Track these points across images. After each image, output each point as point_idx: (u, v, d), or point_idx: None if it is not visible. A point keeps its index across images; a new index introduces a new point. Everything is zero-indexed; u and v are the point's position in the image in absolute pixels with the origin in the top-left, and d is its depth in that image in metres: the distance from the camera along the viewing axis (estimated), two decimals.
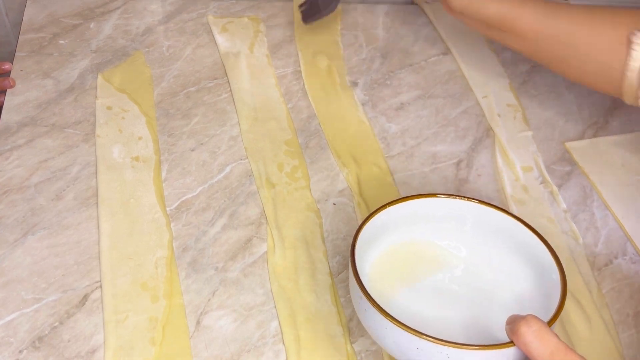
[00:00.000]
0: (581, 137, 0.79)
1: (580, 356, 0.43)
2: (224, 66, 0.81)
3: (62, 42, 0.81)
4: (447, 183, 0.72)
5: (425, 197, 0.56)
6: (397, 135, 0.76)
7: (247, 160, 0.71)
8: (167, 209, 0.65)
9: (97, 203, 0.65)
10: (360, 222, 0.55)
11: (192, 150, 0.71)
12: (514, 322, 0.45)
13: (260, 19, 0.88)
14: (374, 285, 0.54)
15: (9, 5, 0.89)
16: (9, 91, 0.74)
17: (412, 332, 0.45)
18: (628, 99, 0.64)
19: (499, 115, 0.80)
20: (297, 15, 0.89)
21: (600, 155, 0.76)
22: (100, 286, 0.59)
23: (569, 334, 0.60)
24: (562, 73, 0.71)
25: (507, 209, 0.56)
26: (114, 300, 0.58)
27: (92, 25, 0.83)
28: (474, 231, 0.58)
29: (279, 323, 0.58)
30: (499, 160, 0.74)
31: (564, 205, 0.71)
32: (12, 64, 0.77)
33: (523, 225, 0.55)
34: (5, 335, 0.55)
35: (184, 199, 0.67)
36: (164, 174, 0.69)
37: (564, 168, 0.75)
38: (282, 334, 0.57)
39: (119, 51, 0.80)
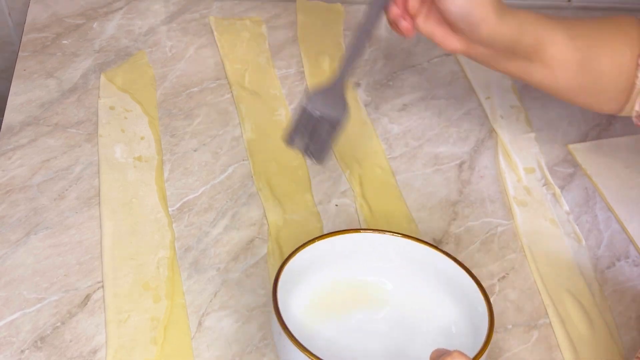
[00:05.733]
0: (584, 139, 0.79)
1: None
2: (225, 67, 0.81)
3: (65, 42, 0.81)
4: (450, 185, 0.71)
5: (349, 232, 0.56)
6: (399, 136, 0.76)
7: (249, 161, 0.71)
8: (169, 209, 0.65)
9: (99, 203, 0.65)
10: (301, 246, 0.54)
11: (195, 150, 0.71)
12: (438, 358, 0.44)
13: (262, 20, 0.88)
14: (300, 320, 0.54)
15: (12, 5, 0.89)
16: (12, 91, 0.74)
17: None
18: (627, 114, 0.63)
19: (501, 117, 0.79)
20: (300, 17, 0.89)
21: (603, 157, 0.76)
22: (102, 286, 0.59)
23: (571, 336, 0.60)
24: (569, 100, 0.66)
25: (433, 244, 0.55)
26: (116, 300, 0.58)
27: (95, 25, 0.83)
28: (399, 265, 0.57)
29: None
30: (502, 161, 0.74)
31: (566, 207, 0.70)
32: (15, 63, 0.77)
33: (448, 258, 0.55)
34: (7, 335, 0.55)
35: (186, 199, 0.67)
36: (166, 174, 0.69)
37: (566, 170, 0.75)
38: None
39: (121, 51, 0.81)
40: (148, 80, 0.78)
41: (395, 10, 0.58)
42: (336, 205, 0.68)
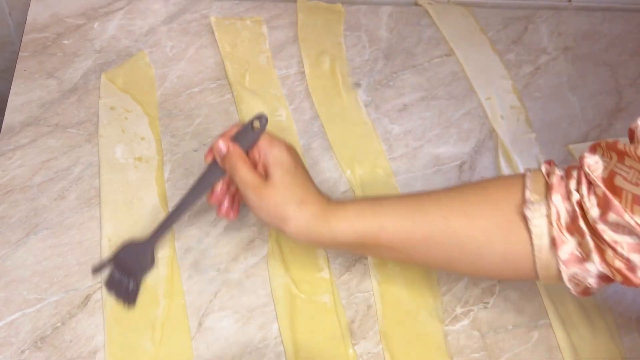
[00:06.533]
0: (584, 139, 0.78)
1: None
2: (226, 67, 0.81)
3: (66, 42, 0.81)
4: (450, 185, 0.71)
5: None
6: (400, 136, 0.76)
7: None
8: (170, 209, 0.65)
9: (99, 203, 0.65)
10: None
11: (195, 151, 0.71)
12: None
13: (262, 20, 0.87)
14: None
15: (12, 5, 0.89)
16: (12, 91, 0.74)
17: None
18: (548, 280, 0.51)
19: (502, 117, 0.79)
20: (300, 17, 0.89)
21: None
22: (102, 287, 0.59)
23: (572, 337, 0.60)
24: (462, 273, 0.61)
25: None
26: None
27: (95, 25, 0.83)
28: None
29: (279, 325, 0.58)
30: (502, 162, 0.74)
31: None
32: (16, 63, 0.77)
33: None
34: (7, 335, 0.55)
35: None
36: (166, 175, 0.69)
37: None
38: (281, 336, 0.57)
39: (122, 51, 0.80)
40: (148, 80, 0.78)
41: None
42: None
